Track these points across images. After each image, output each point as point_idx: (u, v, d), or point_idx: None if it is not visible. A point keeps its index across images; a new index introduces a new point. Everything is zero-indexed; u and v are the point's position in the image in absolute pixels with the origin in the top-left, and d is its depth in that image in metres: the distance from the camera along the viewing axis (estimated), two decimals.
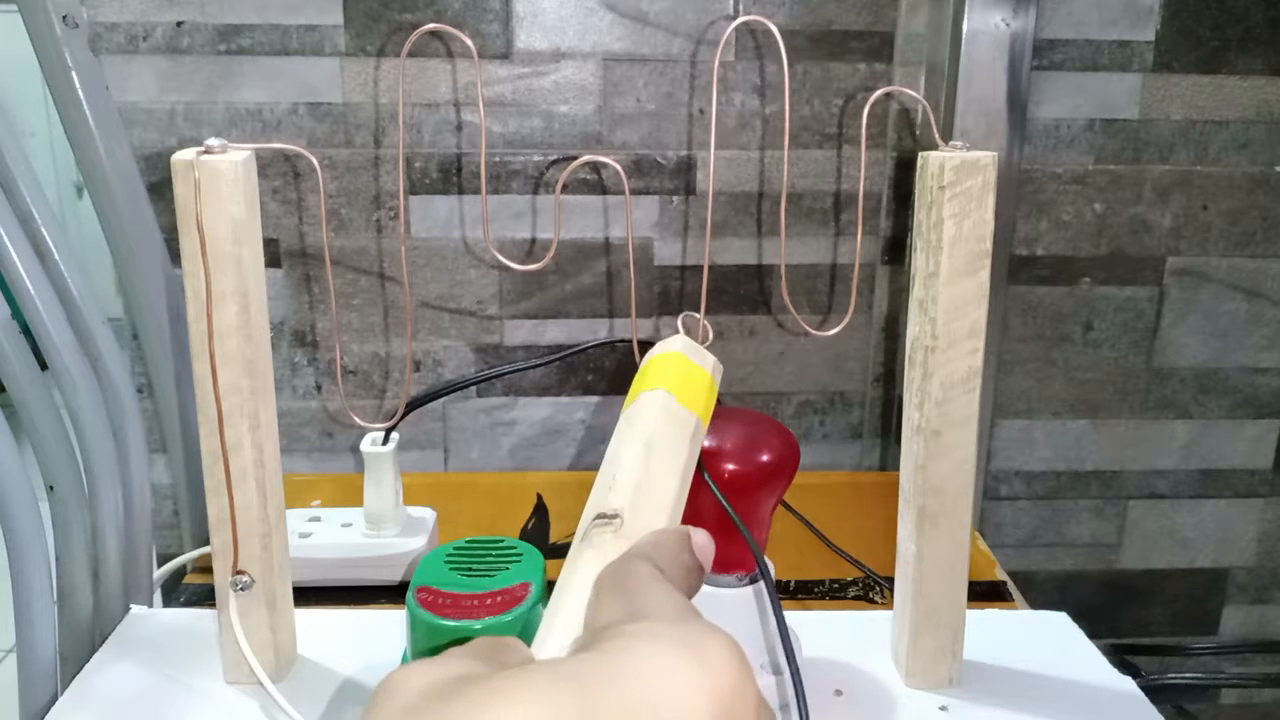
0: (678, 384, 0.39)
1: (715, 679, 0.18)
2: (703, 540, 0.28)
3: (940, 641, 0.48)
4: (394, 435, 0.61)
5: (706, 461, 0.43)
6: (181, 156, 0.42)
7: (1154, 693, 0.50)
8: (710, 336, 0.45)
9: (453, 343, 0.79)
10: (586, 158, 0.57)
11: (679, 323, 0.46)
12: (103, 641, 0.54)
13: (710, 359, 0.43)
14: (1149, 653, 0.87)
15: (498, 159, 0.75)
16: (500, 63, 0.73)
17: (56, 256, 0.53)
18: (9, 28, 0.91)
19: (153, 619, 0.56)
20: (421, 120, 0.74)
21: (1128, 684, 0.50)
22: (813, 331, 0.62)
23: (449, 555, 0.48)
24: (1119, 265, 0.79)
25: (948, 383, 0.45)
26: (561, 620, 0.27)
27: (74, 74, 0.57)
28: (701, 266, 0.78)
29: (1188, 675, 0.79)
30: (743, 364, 0.80)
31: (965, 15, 0.70)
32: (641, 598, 0.23)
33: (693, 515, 0.36)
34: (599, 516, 0.31)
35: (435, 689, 0.18)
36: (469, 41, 0.67)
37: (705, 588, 0.35)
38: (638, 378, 0.42)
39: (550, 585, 0.47)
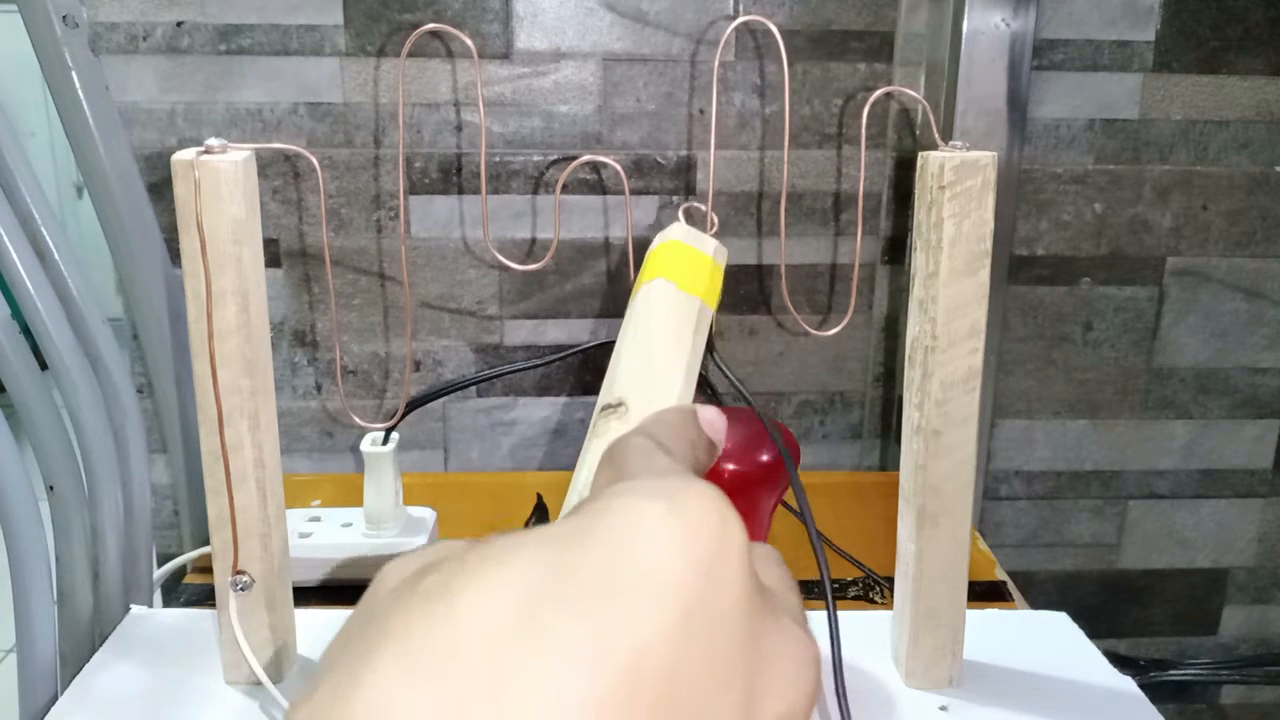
0: (677, 271, 0.39)
1: (692, 527, 0.17)
2: (711, 415, 0.27)
3: (940, 641, 0.49)
4: (394, 435, 0.61)
5: None
6: (181, 156, 0.42)
7: (1153, 690, 0.50)
8: (716, 224, 0.45)
9: (453, 343, 0.79)
10: (586, 158, 0.57)
11: (680, 212, 0.45)
12: (103, 641, 0.54)
13: (711, 243, 0.42)
14: (1146, 668, 0.87)
15: (498, 159, 0.75)
16: (500, 63, 0.73)
17: (56, 256, 0.53)
18: (9, 28, 0.91)
19: (153, 619, 0.56)
20: (421, 120, 0.74)
21: (1128, 684, 0.50)
22: (813, 331, 0.62)
23: None
24: (1119, 265, 0.79)
25: (948, 383, 0.45)
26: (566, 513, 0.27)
27: (74, 74, 0.57)
28: None
29: (1189, 670, 0.79)
30: (743, 364, 0.80)
31: (965, 15, 0.70)
32: (630, 467, 0.21)
33: None
34: (605, 407, 0.30)
35: (417, 570, 0.18)
36: (469, 41, 0.67)
37: None
38: (639, 272, 0.41)
39: None
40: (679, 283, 0.38)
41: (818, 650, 0.18)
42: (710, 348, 0.38)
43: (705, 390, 0.81)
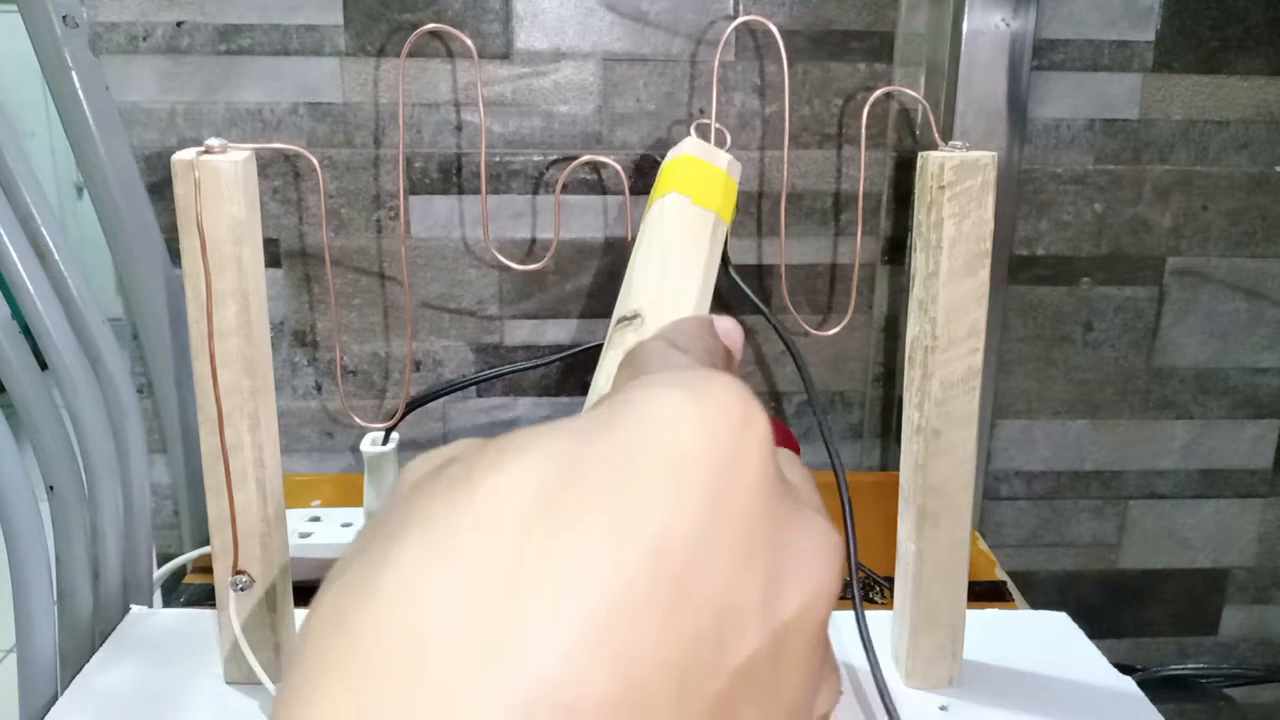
0: (691, 185, 0.39)
1: (715, 413, 0.16)
2: (728, 325, 0.26)
3: (940, 641, 0.49)
4: (394, 435, 0.61)
5: None
6: (181, 156, 0.42)
7: (1152, 688, 0.50)
8: (728, 140, 0.44)
9: (453, 343, 0.79)
10: (586, 158, 0.57)
11: (691, 129, 0.45)
12: (103, 641, 0.54)
13: (724, 157, 0.42)
14: (1144, 672, 0.87)
15: (498, 159, 0.75)
16: (500, 63, 0.73)
17: (56, 256, 0.53)
18: (9, 28, 0.91)
19: (153, 619, 0.56)
20: (421, 120, 0.74)
21: (1128, 684, 0.50)
22: (813, 331, 0.62)
23: None
24: (1119, 265, 0.79)
25: (948, 383, 0.45)
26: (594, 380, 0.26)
27: (74, 74, 0.57)
28: None
29: (1189, 666, 0.79)
30: (743, 364, 0.80)
31: (965, 15, 0.70)
32: (649, 365, 0.21)
33: None
34: (620, 319, 0.30)
35: (442, 463, 0.18)
36: (469, 41, 0.67)
37: None
38: (653, 189, 0.41)
39: None
40: (693, 197, 0.38)
41: (841, 541, 0.18)
42: (726, 262, 0.38)
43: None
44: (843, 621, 0.56)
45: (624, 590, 0.14)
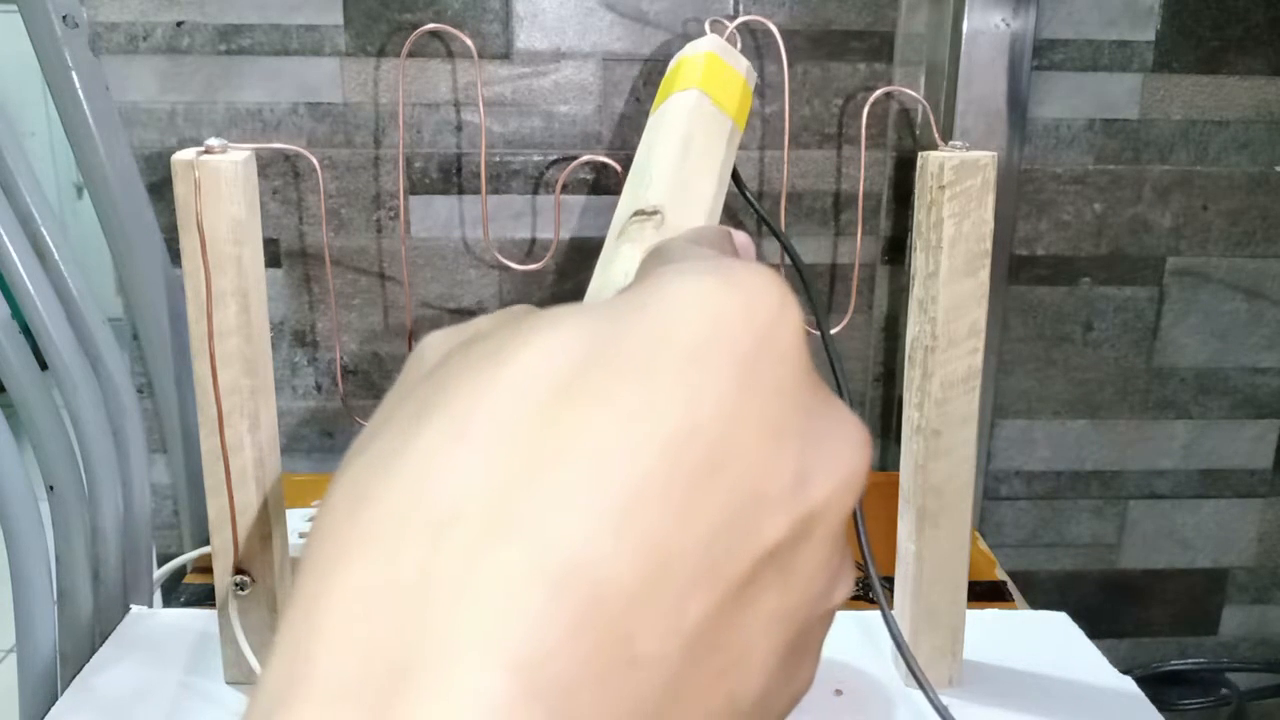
0: (711, 85, 0.37)
1: (750, 298, 0.16)
2: (744, 240, 0.26)
3: (940, 641, 0.49)
4: None
5: None
6: (181, 156, 0.42)
7: (1151, 687, 0.50)
8: (739, 43, 0.42)
9: None
10: (586, 158, 0.57)
11: (706, 25, 0.43)
12: (103, 641, 0.54)
13: (744, 62, 0.40)
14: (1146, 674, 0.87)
15: (498, 159, 0.75)
16: (500, 63, 0.73)
17: (56, 256, 0.53)
18: (9, 28, 0.91)
19: (153, 619, 0.56)
20: (421, 120, 0.74)
21: (1128, 684, 0.50)
22: (813, 331, 0.61)
23: None
24: (1119, 265, 0.79)
25: (948, 383, 0.45)
26: (595, 276, 0.25)
27: (74, 74, 0.57)
28: None
29: (1189, 661, 0.79)
30: None
31: (965, 15, 0.70)
32: (677, 256, 0.20)
33: None
34: (638, 213, 0.29)
35: (469, 339, 0.17)
36: (469, 41, 0.67)
37: None
38: (666, 79, 0.39)
39: None
40: (714, 98, 0.36)
41: (869, 437, 0.18)
42: (737, 179, 0.36)
43: None
44: (853, 619, 0.56)
45: (654, 470, 0.14)
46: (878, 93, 0.74)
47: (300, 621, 0.14)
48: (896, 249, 0.79)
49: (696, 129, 0.34)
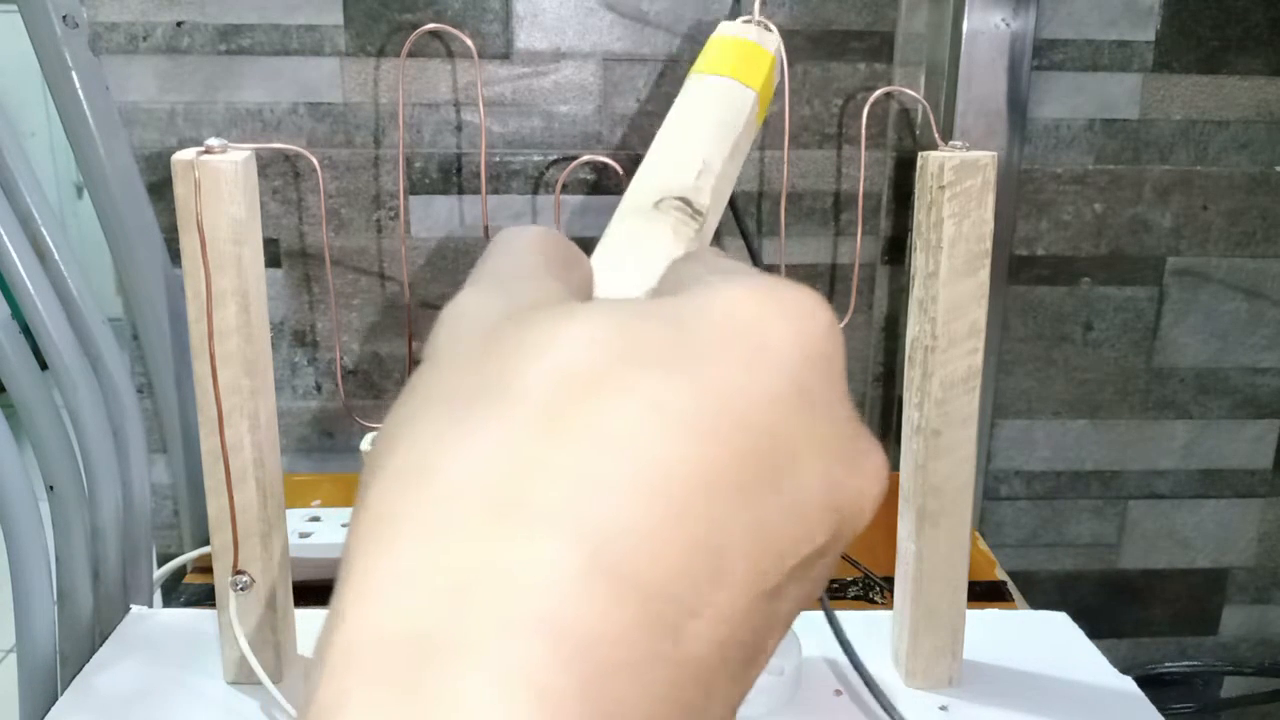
0: (766, 90, 0.37)
1: (804, 315, 0.17)
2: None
3: (940, 641, 0.49)
4: None
5: None
6: (181, 156, 0.42)
7: (1151, 687, 0.50)
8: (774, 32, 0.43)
9: None
10: (586, 158, 0.57)
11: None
12: (103, 641, 0.54)
13: (774, 39, 0.41)
14: (1144, 664, 0.87)
15: (498, 159, 0.75)
16: (500, 63, 0.73)
17: (56, 256, 0.53)
18: (9, 28, 0.91)
19: (153, 619, 0.56)
20: (421, 120, 0.74)
21: (1128, 684, 0.50)
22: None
23: None
24: (1119, 265, 0.79)
25: (948, 383, 0.45)
26: (635, 279, 0.24)
27: (74, 74, 0.57)
28: None
29: (1187, 664, 0.79)
30: None
31: (965, 15, 0.70)
32: (719, 264, 0.21)
33: None
34: (684, 202, 0.29)
35: (504, 315, 0.18)
36: (469, 41, 0.67)
37: None
38: (706, 58, 0.39)
39: None
40: (763, 106, 0.37)
41: (888, 465, 0.19)
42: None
43: None
44: (853, 619, 0.56)
45: (708, 466, 0.15)
46: (878, 93, 0.74)
47: (352, 599, 0.14)
48: (896, 249, 0.79)
49: (744, 139, 0.34)
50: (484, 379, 0.16)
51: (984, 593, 0.65)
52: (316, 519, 0.64)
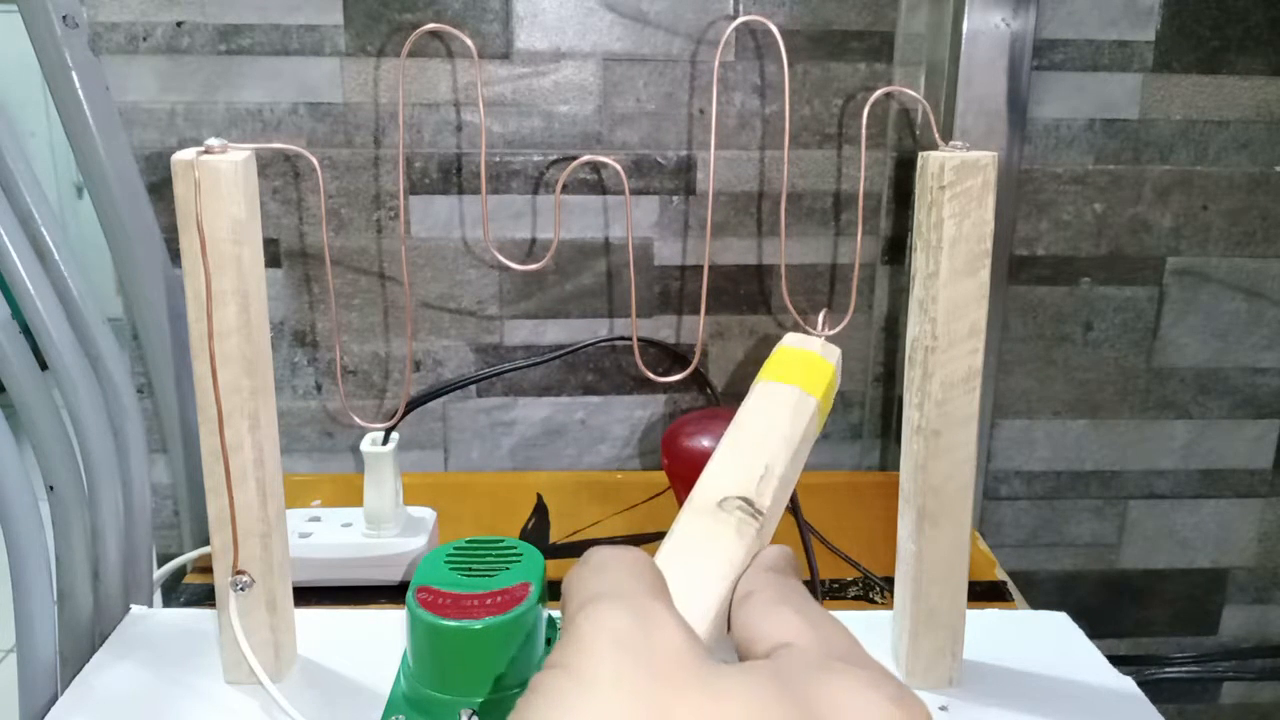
0: (828, 400, 0.41)
1: None
2: (793, 556, 0.31)
3: (940, 641, 0.49)
4: (394, 435, 0.61)
5: (705, 463, 0.43)
6: (181, 156, 0.42)
7: (1152, 688, 0.50)
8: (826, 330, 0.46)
9: (453, 343, 0.79)
10: (586, 158, 0.57)
11: (820, 317, 0.46)
12: (103, 641, 0.54)
13: (836, 352, 0.43)
14: (1144, 662, 0.87)
15: (498, 159, 0.75)
16: (500, 63, 0.73)
17: (56, 256, 0.53)
18: (9, 28, 0.91)
19: (153, 619, 0.56)
20: (421, 120, 0.74)
21: (1128, 684, 0.50)
22: (813, 331, 0.61)
23: (449, 555, 0.48)
24: (1119, 265, 0.79)
25: (948, 383, 0.45)
26: (706, 599, 0.27)
27: (74, 74, 0.57)
28: (701, 266, 0.78)
29: (1186, 668, 0.79)
30: (743, 364, 0.80)
31: (965, 15, 0.70)
32: (816, 620, 0.25)
33: None
34: (746, 503, 0.31)
35: (648, 666, 0.21)
36: (469, 41, 0.67)
37: None
38: (786, 359, 0.42)
39: (550, 585, 0.47)
40: (822, 406, 0.40)
41: None
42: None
43: (706, 391, 0.81)
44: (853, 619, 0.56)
45: None
46: (878, 93, 0.73)
47: None
48: (896, 249, 0.79)
49: (805, 445, 0.37)
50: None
51: (984, 593, 0.65)
52: (316, 519, 0.64)
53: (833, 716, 0.20)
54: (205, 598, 0.62)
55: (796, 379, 0.40)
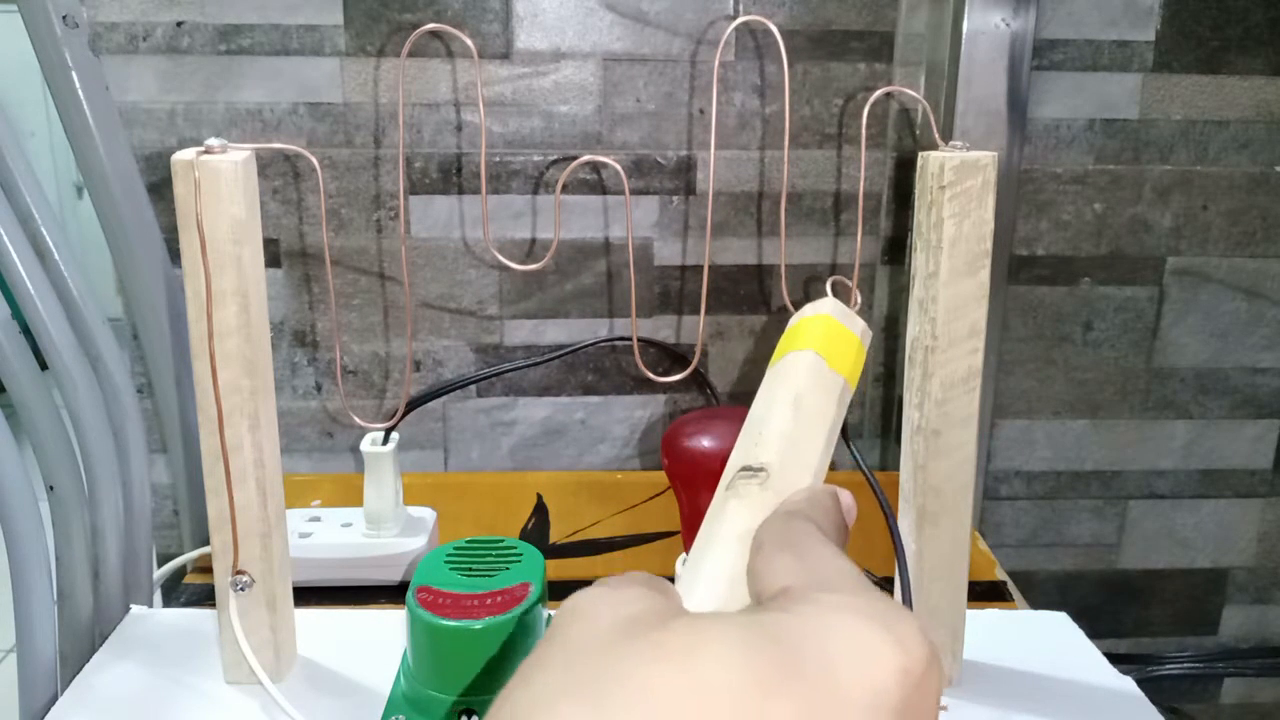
0: (826, 346, 0.39)
1: (911, 660, 0.19)
2: (849, 501, 0.29)
3: (940, 641, 0.49)
4: (394, 435, 0.61)
5: (705, 463, 0.43)
6: (181, 156, 0.42)
7: (1151, 686, 0.50)
8: (859, 302, 0.45)
9: (453, 343, 0.79)
10: (586, 158, 0.57)
11: (828, 286, 0.46)
12: (103, 641, 0.54)
13: (860, 324, 0.43)
14: (1144, 661, 0.87)
15: (498, 159, 0.75)
16: (500, 63, 0.73)
17: (56, 256, 0.53)
18: (9, 28, 0.91)
19: (153, 619, 0.56)
20: (421, 120, 0.74)
21: (1128, 684, 0.50)
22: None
23: (449, 555, 0.48)
24: (1119, 265, 0.79)
25: (948, 383, 0.45)
26: (710, 569, 0.27)
27: (74, 74, 0.57)
28: (701, 266, 0.78)
29: (1186, 665, 0.79)
30: (743, 364, 0.80)
31: (965, 15, 0.70)
32: (816, 561, 0.23)
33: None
34: (744, 469, 0.31)
35: (625, 625, 0.19)
36: (469, 41, 0.67)
37: None
38: (785, 338, 0.42)
39: (550, 585, 0.47)
40: (828, 359, 0.39)
41: None
42: (844, 432, 0.39)
43: (706, 391, 0.81)
44: None
45: None
46: (878, 93, 0.74)
47: None
48: (896, 249, 0.79)
49: (808, 389, 0.36)
50: (609, 675, 0.18)
51: (984, 593, 0.65)
52: (316, 519, 0.64)
53: (816, 655, 0.18)
54: (205, 598, 0.62)
55: (786, 346, 0.40)
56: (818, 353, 0.38)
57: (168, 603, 0.68)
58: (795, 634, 0.19)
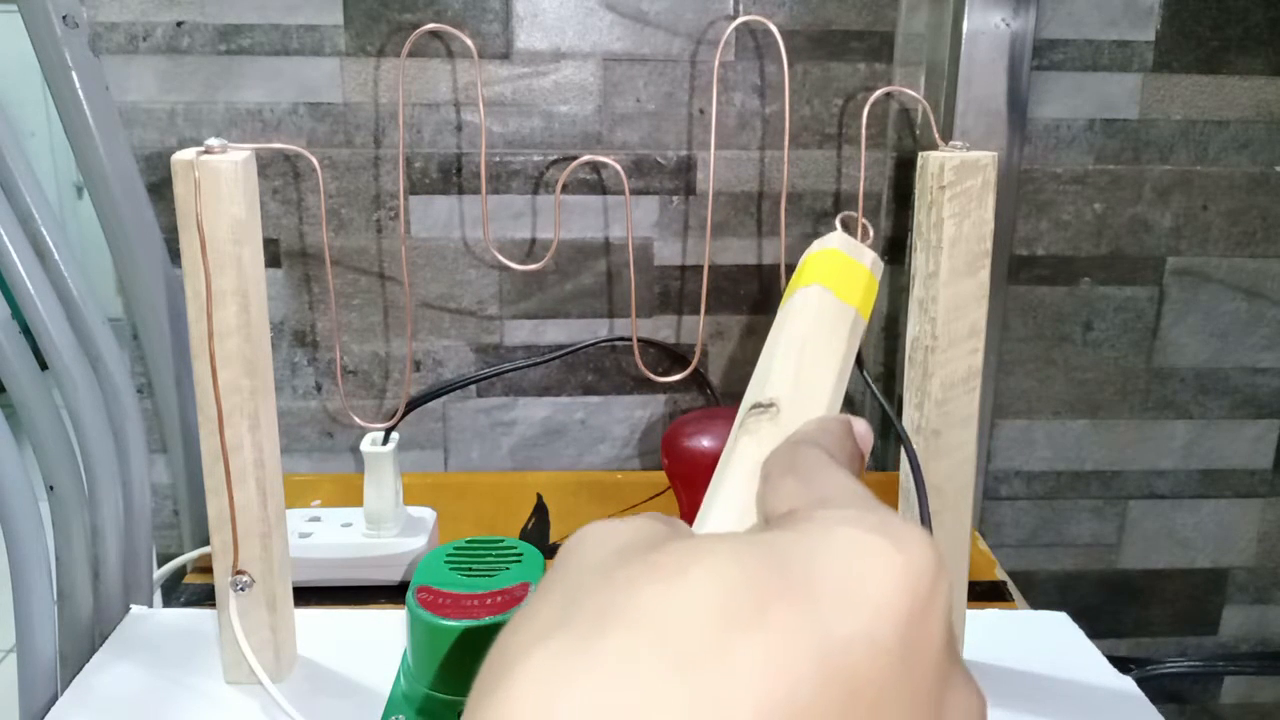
0: (834, 278, 0.39)
1: (915, 569, 0.18)
2: (863, 429, 0.28)
3: None
4: (394, 435, 0.61)
5: (705, 463, 0.43)
6: (181, 156, 0.42)
7: (1151, 685, 0.50)
8: (871, 235, 0.45)
9: (453, 343, 0.79)
10: (586, 158, 0.57)
11: (837, 221, 0.46)
12: (103, 641, 0.54)
13: (869, 254, 0.42)
14: (1144, 662, 0.87)
15: (498, 159, 0.75)
16: (500, 63, 0.73)
17: (56, 256, 0.53)
18: (9, 28, 0.91)
19: (153, 619, 0.56)
20: (421, 120, 0.74)
21: (1128, 684, 0.50)
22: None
23: (449, 555, 0.48)
24: (1119, 265, 0.79)
25: (948, 383, 0.45)
26: (720, 503, 0.26)
27: (74, 74, 0.57)
28: (701, 266, 0.78)
29: (1186, 663, 0.79)
30: (743, 364, 0.80)
31: (965, 15, 0.70)
32: (822, 483, 0.22)
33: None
34: (755, 406, 0.30)
35: (628, 548, 0.19)
36: (469, 41, 0.67)
37: None
38: (794, 277, 0.41)
39: None
40: (836, 291, 0.38)
41: (985, 704, 0.19)
42: (860, 362, 0.39)
43: (705, 391, 0.81)
44: None
45: (813, 700, 0.16)
46: (878, 93, 0.74)
47: None
48: (896, 249, 0.79)
49: (816, 322, 0.36)
50: (611, 602, 0.17)
51: (984, 593, 0.65)
52: (316, 519, 0.64)
53: (817, 566, 0.17)
54: (205, 598, 0.62)
55: (794, 285, 0.39)
56: (825, 286, 0.38)
57: (168, 603, 0.68)
58: (795, 547, 0.18)
